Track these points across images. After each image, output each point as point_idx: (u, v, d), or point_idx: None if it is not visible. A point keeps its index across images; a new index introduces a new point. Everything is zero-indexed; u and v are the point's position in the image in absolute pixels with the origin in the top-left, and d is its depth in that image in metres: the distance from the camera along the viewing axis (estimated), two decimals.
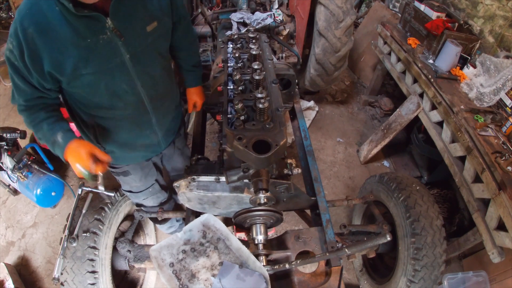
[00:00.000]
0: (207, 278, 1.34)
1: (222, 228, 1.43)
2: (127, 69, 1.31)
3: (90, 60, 1.20)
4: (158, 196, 2.06)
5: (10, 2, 4.49)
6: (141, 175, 1.82)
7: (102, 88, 1.30)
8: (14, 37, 1.13)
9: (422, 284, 1.72)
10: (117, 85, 1.33)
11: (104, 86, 1.29)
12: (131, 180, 1.82)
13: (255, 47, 1.72)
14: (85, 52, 1.18)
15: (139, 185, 1.87)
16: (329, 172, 3.29)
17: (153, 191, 1.99)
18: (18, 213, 2.91)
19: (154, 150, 1.74)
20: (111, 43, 1.22)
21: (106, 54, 1.23)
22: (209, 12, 3.20)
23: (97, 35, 1.18)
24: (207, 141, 3.39)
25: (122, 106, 1.41)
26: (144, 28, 1.31)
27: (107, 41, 1.21)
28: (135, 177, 1.80)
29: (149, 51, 1.37)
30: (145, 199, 2.00)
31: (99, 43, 1.19)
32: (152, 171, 1.92)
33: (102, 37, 1.19)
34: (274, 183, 1.52)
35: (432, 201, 1.89)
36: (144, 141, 1.63)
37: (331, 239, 1.60)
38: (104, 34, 1.19)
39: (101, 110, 1.41)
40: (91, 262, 1.63)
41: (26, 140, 2.89)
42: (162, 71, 1.51)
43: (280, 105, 1.40)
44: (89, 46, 1.18)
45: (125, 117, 1.47)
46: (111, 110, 1.41)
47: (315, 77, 3.22)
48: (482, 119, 2.20)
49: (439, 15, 2.79)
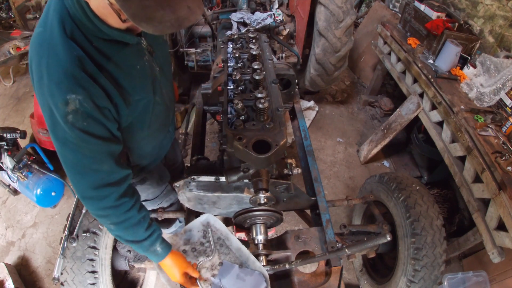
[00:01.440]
0: (207, 278, 1.34)
1: (222, 228, 1.43)
2: (159, 82, 1.27)
3: (142, 85, 1.14)
4: (171, 197, 1.97)
5: (10, 2, 4.49)
6: (158, 177, 1.74)
7: (149, 108, 1.22)
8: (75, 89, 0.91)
9: (422, 284, 1.72)
10: (154, 101, 1.26)
11: (151, 105, 1.22)
12: (149, 186, 1.71)
13: (255, 47, 1.72)
14: (138, 78, 1.11)
15: (155, 190, 1.78)
16: (329, 172, 3.29)
17: (167, 194, 1.91)
18: (18, 213, 2.91)
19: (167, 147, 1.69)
20: (150, 62, 1.18)
21: (149, 74, 1.18)
22: (209, 12, 3.20)
23: (141, 58, 1.13)
24: (207, 141, 3.39)
25: (155, 119, 1.33)
26: (163, 37, 1.33)
27: (148, 62, 1.17)
28: (152, 182, 1.71)
29: (166, 57, 1.38)
30: (160, 204, 1.91)
31: (145, 65, 1.14)
32: (166, 172, 1.84)
33: (145, 58, 1.14)
34: (274, 183, 1.53)
35: (432, 201, 1.89)
36: (167, 143, 1.62)
37: (331, 239, 1.60)
38: (144, 55, 1.15)
39: (142, 132, 1.30)
40: (91, 262, 1.63)
41: (26, 140, 2.89)
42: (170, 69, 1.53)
43: (280, 105, 1.40)
44: (139, 72, 1.11)
45: (158, 128, 1.43)
46: (150, 127, 1.32)
47: (315, 77, 3.22)
48: (482, 119, 2.20)
49: (439, 15, 2.79)
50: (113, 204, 1.10)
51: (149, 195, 1.79)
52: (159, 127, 1.43)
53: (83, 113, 0.94)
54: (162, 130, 1.50)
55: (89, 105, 0.93)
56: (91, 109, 0.94)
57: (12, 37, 4.11)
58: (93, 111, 0.95)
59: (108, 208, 1.10)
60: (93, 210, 1.12)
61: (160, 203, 1.91)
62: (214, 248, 1.40)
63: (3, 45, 3.93)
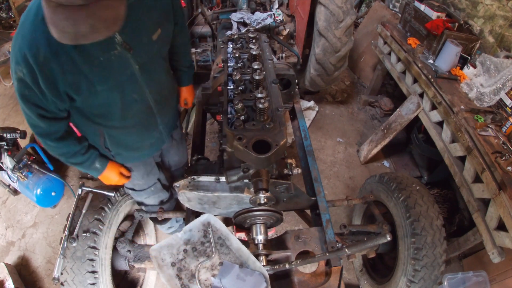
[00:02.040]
0: (207, 278, 1.34)
1: (222, 228, 1.43)
2: (136, 80, 1.33)
3: (104, 77, 1.22)
4: (160, 195, 2.08)
5: (10, 2, 4.49)
6: (144, 172, 1.85)
7: (117, 101, 1.32)
8: (24, 64, 1.09)
9: (422, 284, 1.72)
10: (128, 96, 1.35)
11: (119, 99, 1.32)
12: (134, 178, 1.84)
13: (255, 47, 1.72)
14: (99, 70, 1.19)
15: (141, 183, 1.90)
16: (329, 172, 3.29)
17: (155, 190, 2.01)
18: (18, 213, 2.91)
19: (157, 147, 1.80)
20: (122, 57, 1.23)
21: (118, 69, 1.25)
22: (209, 12, 3.21)
23: (108, 52, 1.19)
24: (207, 141, 3.39)
25: (132, 114, 1.44)
26: (150, 37, 1.33)
27: (118, 56, 1.22)
28: (137, 175, 1.83)
29: (154, 58, 1.40)
30: (147, 198, 2.01)
31: (111, 59, 1.20)
32: (155, 169, 1.94)
33: (113, 52, 1.20)
34: (274, 183, 1.53)
35: (432, 201, 1.89)
36: (150, 141, 1.69)
37: (331, 239, 1.60)
38: (114, 49, 1.20)
39: (112, 121, 1.43)
40: (91, 262, 1.63)
41: (26, 140, 2.89)
42: (166, 74, 1.55)
43: (280, 105, 1.40)
44: (102, 64, 1.19)
45: (135, 124, 1.51)
46: (122, 120, 1.44)
47: (315, 77, 3.22)
48: (482, 119, 2.20)
49: (439, 15, 2.79)
50: (52, 144, 1.35)
51: (135, 186, 1.91)
52: (138, 124, 1.52)
53: (25, 83, 1.13)
54: (144, 128, 1.56)
55: (30, 80, 1.11)
56: (31, 83, 1.12)
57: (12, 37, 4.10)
58: (33, 85, 1.12)
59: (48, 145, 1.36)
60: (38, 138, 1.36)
61: (147, 197, 2.01)
62: (215, 248, 1.40)
63: (3, 45, 3.93)
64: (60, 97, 1.19)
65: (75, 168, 3.22)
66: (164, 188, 2.10)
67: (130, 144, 1.60)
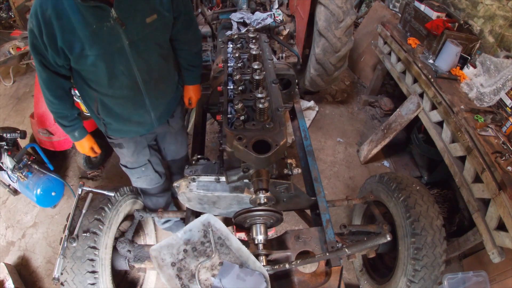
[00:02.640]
0: (207, 278, 1.34)
1: (222, 228, 1.43)
2: (125, 54, 1.47)
3: (94, 43, 1.38)
4: (152, 178, 2.17)
5: (10, 2, 4.49)
6: (134, 150, 1.96)
7: (103, 68, 1.47)
8: (34, 18, 1.32)
9: (422, 284, 1.71)
10: (116, 67, 1.49)
11: (105, 66, 1.46)
12: (125, 154, 1.98)
13: (255, 47, 1.72)
14: (90, 36, 1.36)
15: (131, 160, 2.02)
16: (329, 172, 3.29)
17: (146, 171, 2.10)
18: (18, 213, 2.91)
19: (147, 128, 1.89)
20: (114, 30, 1.39)
21: (108, 39, 1.40)
22: (209, 12, 3.21)
23: (102, 22, 1.35)
24: (207, 141, 3.39)
25: (119, 85, 1.58)
26: (143, 19, 1.46)
27: (110, 28, 1.38)
28: (127, 151, 1.95)
29: (147, 40, 1.52)
30: (139, 178, 2.12)
31: (103, 29, 1.36)
32: (145, 150, 2.03)
33: (106, 24, 1.36)
34: (274, 183, 1.53)
35: (432, 201, 1.89)
36: (137, 119, 1.79)
37: (331, 239, 1.60)
38: (108, 22, 1.36)
39: (102, 88, 1.59)
40: (91, 262, 1.63)
41: (26, 140, 2.89)
42: (159, 58, 1.64)
43: (280, 105, 1.40)
44: (94, 31, 1.35)
45: (122, 96, 1.64)
46: (110, 88, 1.58)
47: (315, 77, 3.22)
48: (482, 119, 2.20)
49: (439, 15, 2.79)
50: (50, 98, 1.58)
51: (128, 163, 2.06)
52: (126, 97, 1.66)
53: (33, 34, 1.36)
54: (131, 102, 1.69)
55: (37, 32, 1.34)
56: (37, 35, 1.35)
57: (12, 37, 4.11)
58: (38, 37, 1.35)
59: (47, 99, 1.60)
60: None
61: (139, 177, 2.13)
62: (215, 248, 1.40)
63: (3, 45, 3.93)
64: (58, 52, 1.38)
65: (75, 168, 3.23)
66: (156, 172, 2.18)
67: (119, 115, 1.72)
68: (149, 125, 1.86)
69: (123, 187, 1.93)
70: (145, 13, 1.45)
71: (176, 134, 2.16)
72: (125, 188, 1.94)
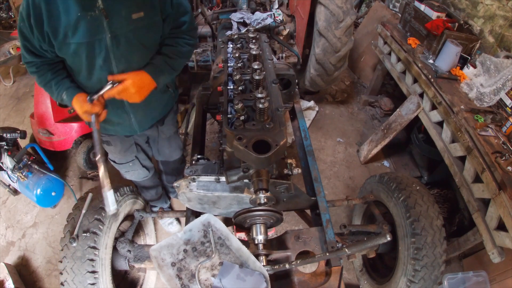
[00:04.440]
0: (207, 278, 1.34)
1: (222, 228, 1.43)
2: (106, 46, 1.45)
3: (77, 31, 1.38)
4: (140, 173, 2.23)
5: (10, 2, 4.49)
6: (120, 148, 2.00)
7: (84, 59, 1.47)
8: (25, 2, 1.35)
9: (422, 284, 1.71)
10: (95, 59, 1.48)
11: (85, 57, 1.46)
12: (113, 151, 2.01)
13: (255, 47, 1.72)
14: (74, 23, 1.37)
15: (119, 157, 2.06)
16: (329, 172, 3.29)
17: (133, 167, 2.15)
18: (18, 213, 2.91)
19: (127, 130, 1.88)
20: (97, 21, 1.39)
21: (91, 29, 1.40)
22: (209, 12, 3.21)
23: (86, 11, 1.36)
24: (207, 141, 3.39)
25: (97, 79, 1.55)
26: (129, 14, 1.44)
27: (94, 18, 1.38)
28: (115, 149, 1.99)
29: (130, 37, 1.49)
30: (127, 172, 2.19)
31: (87, 18, 1.37)
32: (132, 148, 2.07)
33: (90, 13, 1.36)
34: (274, 183, 1.52)
35: (432, 201, 1.89)
36: (116, 119, 1.77)
37: (331, 239, 1.60)
38: (93, 11, 1.36)
39: (82, 79, 1.59)
40: (91, 262, 1.63)
41: (26, 140, 2.89)
42: (141, 59, 1.58)
43: (280, 105, 1.40)
44: (78, 18, 1.36)
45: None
46: (89, 81, 1.58)
47: (315, 77, 3.22)
48: (482, 119, 2.20)
49: (439, 15, 2.79)
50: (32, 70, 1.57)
51: (116, 159, 2.09)
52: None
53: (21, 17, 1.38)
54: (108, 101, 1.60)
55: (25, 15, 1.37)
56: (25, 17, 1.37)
57: (12, 37, 4.11)
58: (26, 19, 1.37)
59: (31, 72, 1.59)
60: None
61: (127, 172, 2.19)
62: (215, 248, 1.40)
63: (3, 45, 3.92)
64: (43, 36, 1.40)
65: (75, 168, 3.23)
66: (144, 167, 2.23)
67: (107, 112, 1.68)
68: (128, 127, 1.82)
69: (123, 187, 1.93)
70: (131, 9, 1.43)
71: (169, 139, 2.16)
72: (125, 188, 1.94)
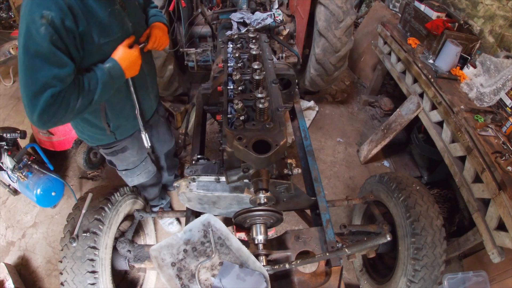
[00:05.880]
0: (207, 278, 1.34)
1: (222, 228, 1.43)
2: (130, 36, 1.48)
3: (111, 27, 1.36)
4: (150, 170, 2.21)
5: (10, 2, 4.49)
6: (137, 147, 1.97)
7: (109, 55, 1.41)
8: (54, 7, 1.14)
9: (422, 284, 1.71)
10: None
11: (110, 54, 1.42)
12: (129, 156, 1.96)
13: (255, 47, 1.72)
14: (108, 19, 1.33)
15: (135, 159, 2.03)
16: (329, 172, 3.29)
17: (146, 165, 2.15)
18: (18, 213, 2.91)
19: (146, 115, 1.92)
20: (120, 13, 1.42)
21: (118, 23, 1.41)
22: (209, 12, 3.20)
23: (112, 6, 1.37)
24: (207, 141, 3.39)
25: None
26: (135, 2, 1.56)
27: (118, 11, 1.41)
28: (132, 151, 1.95)
29: (141, 20, 1.64)
30: (139, 175, 2.15)
31: (115, 12, 1.38)
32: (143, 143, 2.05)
33: (115, 8, 1.38)
34: (274, 183, 1.52)
35: (432, 201, 1.89)
36: (147, 105, 1.84)
37: (331, 239, 1.60)
38: (116, 5, 1.39)
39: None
40: (91, 262, 1.63)
41: (26, 140, 2.89)
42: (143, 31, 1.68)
43: (280, 105, 1.40)
44: (110, 14, 1.34)
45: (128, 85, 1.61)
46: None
47: (315, 77, 3.22)
48: (482, 119, 2.20)
49: (439, 15, 2.79)
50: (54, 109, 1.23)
51: (129, 165, 2.04)
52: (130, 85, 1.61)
53: (53, 26, 1.14)
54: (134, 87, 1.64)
55: (59, 23, 1.15)
56: (59, 26, 1.15)
57: (12, 37, 4.11)
58: (61, 28, 1.16)
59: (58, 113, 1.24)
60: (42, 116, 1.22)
61: (139, 174, 2.14)
62: (215, 248, 1.40)
63: (3, 45, 3.93)
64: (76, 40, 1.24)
65: (75, 168, 3.23)
66: (152, 162, 2.25)
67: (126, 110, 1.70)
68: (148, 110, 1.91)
69: (123, 187, 1.93)
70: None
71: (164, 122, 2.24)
72: (125, 188, 1.94)
